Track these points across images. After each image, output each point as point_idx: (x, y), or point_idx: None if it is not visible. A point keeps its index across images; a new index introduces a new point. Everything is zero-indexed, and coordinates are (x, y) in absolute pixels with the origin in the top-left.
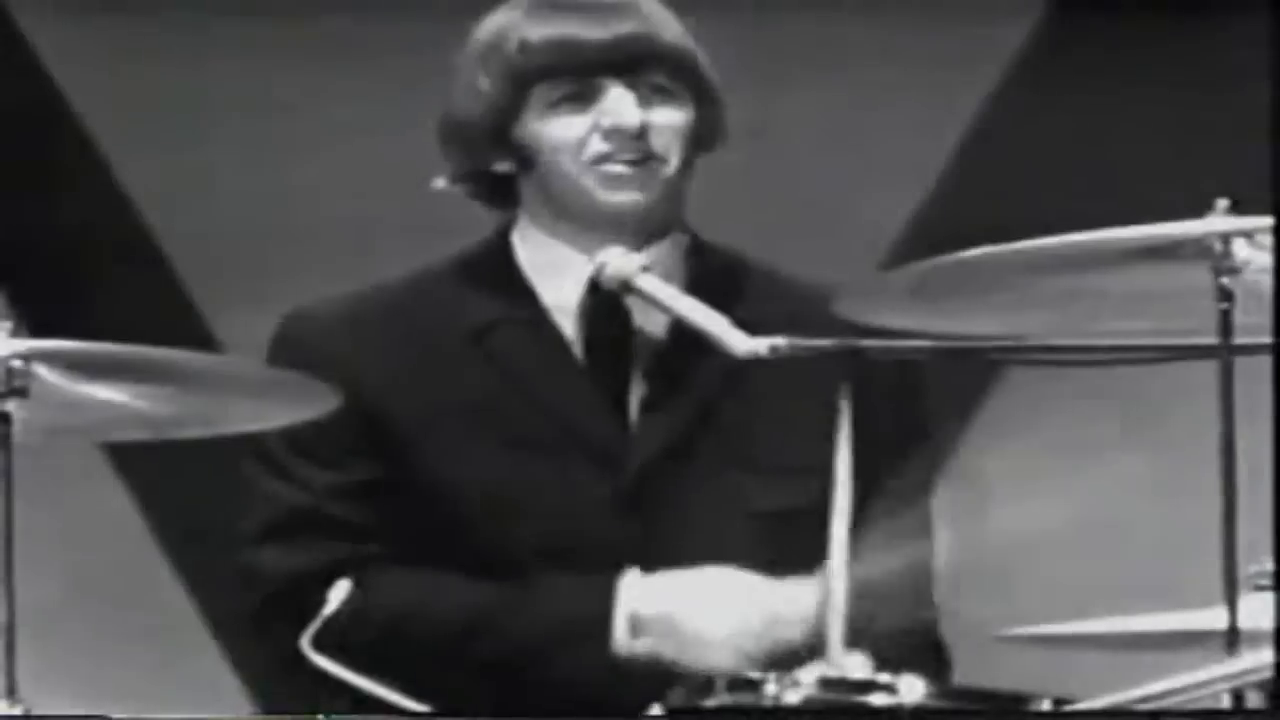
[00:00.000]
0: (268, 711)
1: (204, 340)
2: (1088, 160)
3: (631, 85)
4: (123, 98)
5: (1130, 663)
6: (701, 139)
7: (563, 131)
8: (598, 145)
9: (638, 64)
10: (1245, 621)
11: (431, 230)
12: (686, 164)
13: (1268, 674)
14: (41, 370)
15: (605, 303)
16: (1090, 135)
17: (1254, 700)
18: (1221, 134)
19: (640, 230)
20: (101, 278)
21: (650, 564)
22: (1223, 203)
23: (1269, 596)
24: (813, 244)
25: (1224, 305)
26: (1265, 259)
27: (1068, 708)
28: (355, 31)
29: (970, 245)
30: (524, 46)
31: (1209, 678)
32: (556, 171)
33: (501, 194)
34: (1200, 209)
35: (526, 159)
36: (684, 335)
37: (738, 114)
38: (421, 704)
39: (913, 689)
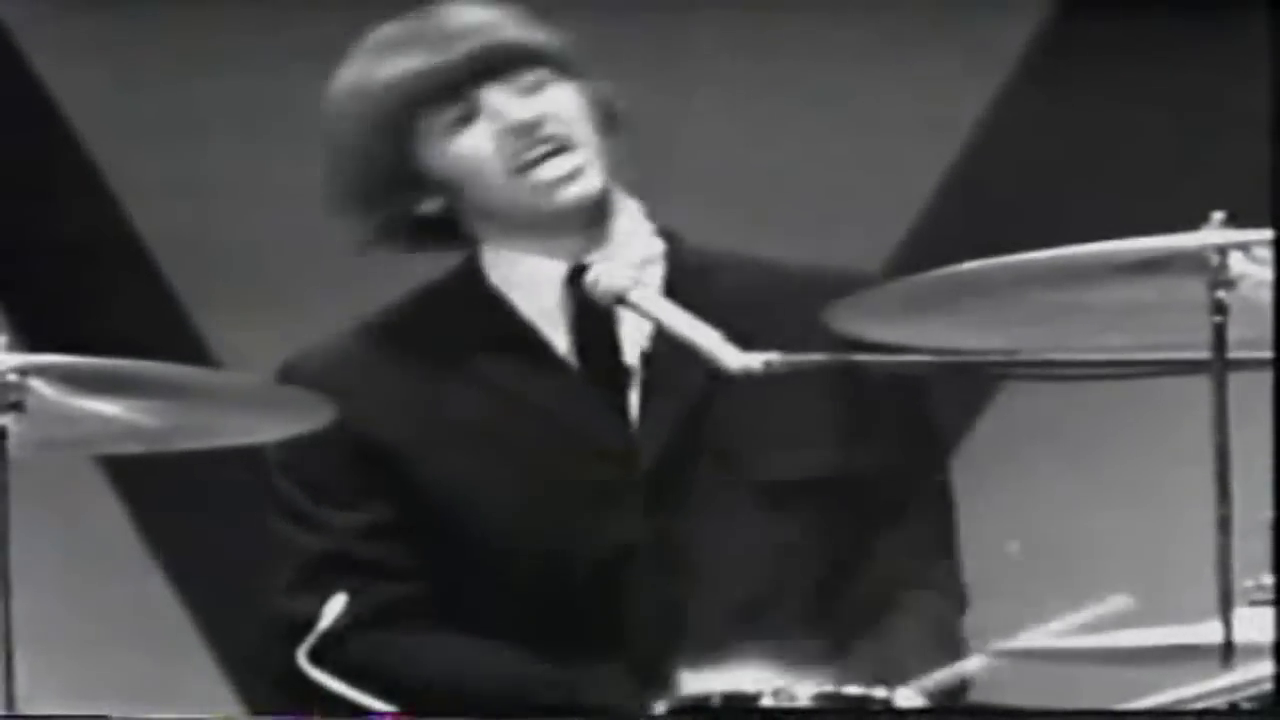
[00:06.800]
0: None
1: (198, 349)
2: (1089, 167)
3: (507, 86)
4: (116, 99)
5: (1124, 677)
6: (601, 117)
7: (471, 150)
8: (506, 149)
9: (502, 69)
10: (1240, 636)
11: None
12: (603, 144)
13: (1264, 688)
14: (37, 384)
15: (590, 306)
16: (1092, 142)
17: None
18: (1222, 138)
19: (599, 223)
20: (95, 287)
21: (674, 559)
22: (1219, 215)
23: (1263, 610)
24: (805, 246)
25: (1218, 319)
26: (1261, 272)
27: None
28: (353, 32)
29: (969, 257)
30: (381, 86)
31: (1205, 691)
32: (485, 187)
33: (433, 238)
34: (1199, 217)
35: (450, 190)
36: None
37: (736, 113)
38: None
39: (909, 703)
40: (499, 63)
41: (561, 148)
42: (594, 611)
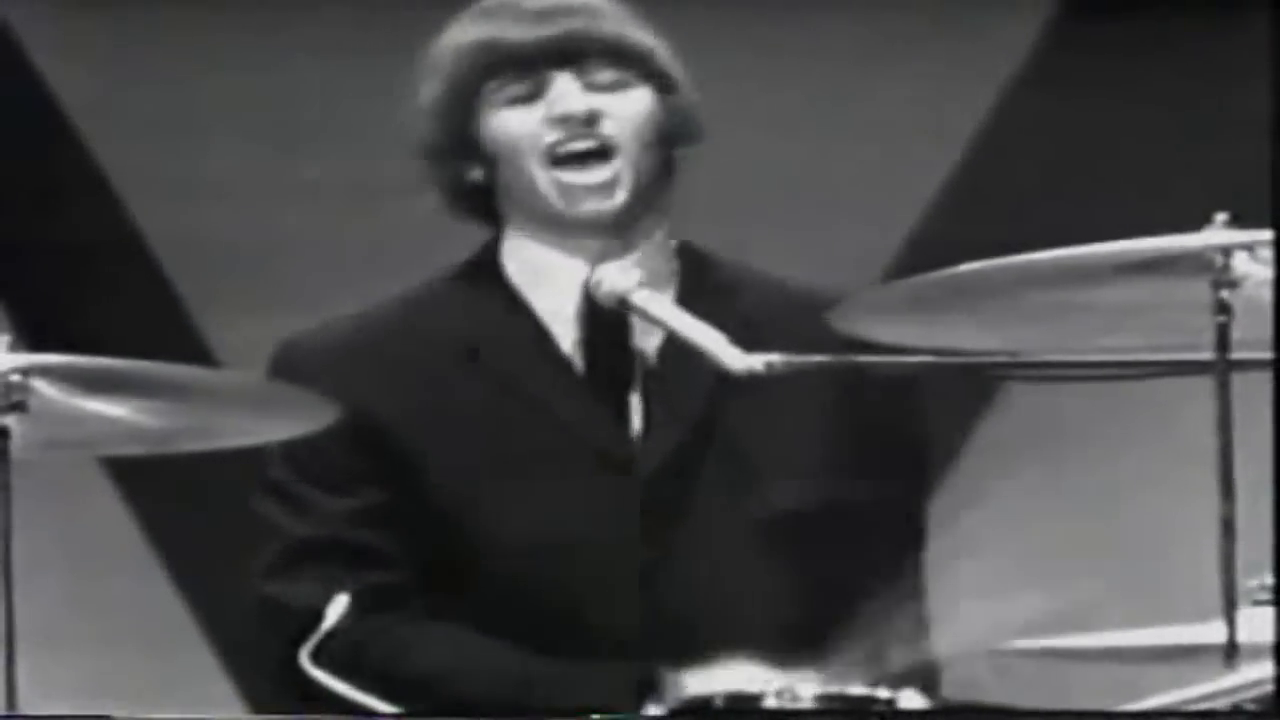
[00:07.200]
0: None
1: (199, 350)
2: (1092, 166)
3: (578, 75)
4: (117, 99)
5: (1128, 677)
6: (672, 132)
7: (517, 127)
8: (549, 135)
9: (579, 57)
10: (1244, 636)
11: (436, 235)
12: (655, 157)
13: (1267, 689)
14: (40, 384)
15: (602, 309)
16: (1094, 141)
17: None
18: (1223, 138)
19: (619, 233)
20: (97, 288)
21: (665, 566)
22: (1222, 216)
23: (1267, 611)
24: (808, 247)
25: (1222, 319)
26: (1265, 272)
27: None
28: (357, 31)
29: (972, 257)
30: (460, 50)
31: (1209, 692)
32: (517, 170)
33: (483, 206)
34: (1201, 217)
35: (490, 162)
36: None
37: (738, 112)
38: None
39: (912, 704)
40: (577, 51)
41: (603, 151)
42: (581, 611)
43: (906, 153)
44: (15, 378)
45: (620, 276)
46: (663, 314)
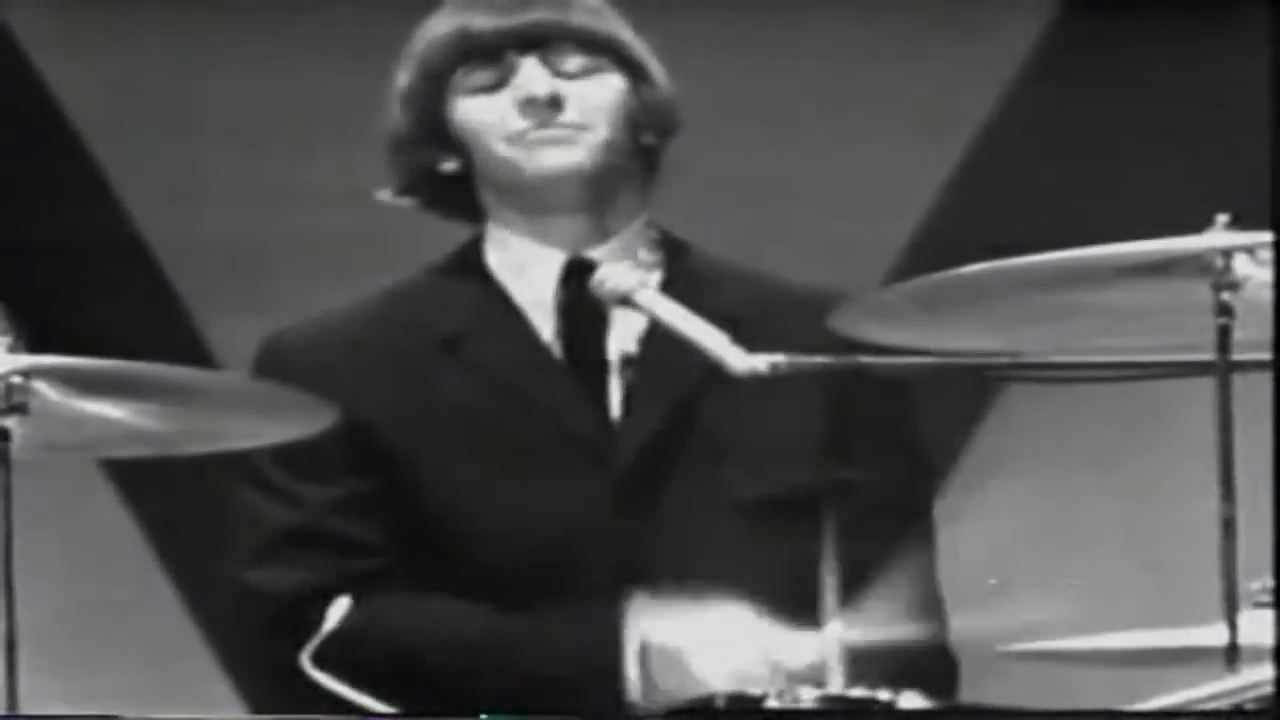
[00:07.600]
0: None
1: (199, 350)
2: (1093, 166)
3: (545, 60)
4: (116, 99)
5: (1129, 679)
6: (646, 121)
7: (484, 114)
8: (516, 121)
9: (546, 43)
10: (1245, 638)
11: (433, 236)
12: (626, 143)
13: (1267, 690)
14: (41, 386)
15: (579, 297)
16: (1095, 141)
17: None
18: (1223, 138)
19: (590, 212)
20: (97, 289)
21: (644, 556)
22: (1223, 218)
23: (1268, 613)
24: (808, 247)
25: (1223, 320)
26: (1265, 274)
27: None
28: (357, 31)
29: (972, 259)
30: (432, 40)
31: (1209, 694)
32: (488, 155)
33: (455, 201)
34: (1203, 217)
35: (463, 152)
36: (660, 326)
37: (740, 112)
38: None
39: (912, 704)
40: (544, 37)
41: (568, 127)
42: (562, 595)
43: (907, 152)
44: (16, 379)
45: (625, 275)
46: (666, 313)
